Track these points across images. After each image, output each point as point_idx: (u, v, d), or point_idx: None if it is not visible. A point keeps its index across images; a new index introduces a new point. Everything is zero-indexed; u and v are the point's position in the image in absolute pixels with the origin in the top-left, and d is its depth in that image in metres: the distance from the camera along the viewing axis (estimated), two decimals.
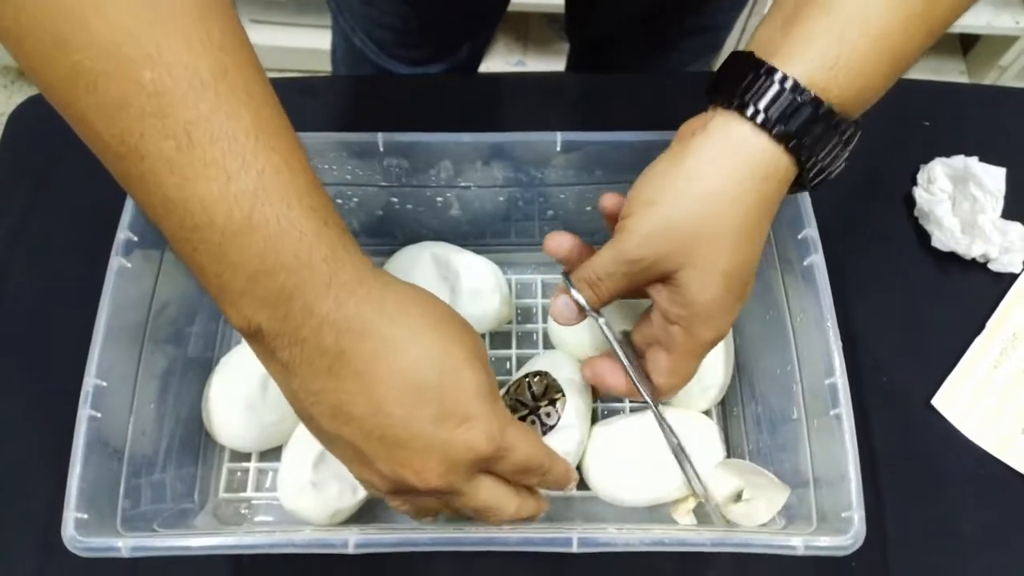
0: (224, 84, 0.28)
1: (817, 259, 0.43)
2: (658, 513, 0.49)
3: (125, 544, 0.38)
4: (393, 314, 0.32)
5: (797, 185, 0.36)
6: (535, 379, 0.48)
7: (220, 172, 0.28)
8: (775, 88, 0.33)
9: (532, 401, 0.48)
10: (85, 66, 0.27)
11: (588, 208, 0.52)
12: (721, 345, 0.50)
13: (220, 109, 0.28)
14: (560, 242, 0.42)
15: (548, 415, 0.47)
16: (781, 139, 0.33)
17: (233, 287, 0.30)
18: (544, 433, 0.47)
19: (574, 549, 0.38)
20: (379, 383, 0.31)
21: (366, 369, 0.31)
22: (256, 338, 0.31)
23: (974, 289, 0.58)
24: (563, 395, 0.48)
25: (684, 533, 0.40)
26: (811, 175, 0.35)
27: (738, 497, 0.46)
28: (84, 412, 0.40)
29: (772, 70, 0.33)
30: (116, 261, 0.43)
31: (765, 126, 0.33)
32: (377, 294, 0.32)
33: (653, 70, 0.78)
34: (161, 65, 0.27)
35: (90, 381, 0.40)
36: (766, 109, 0.33)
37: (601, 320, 0.41)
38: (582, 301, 0.40)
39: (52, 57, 0.27)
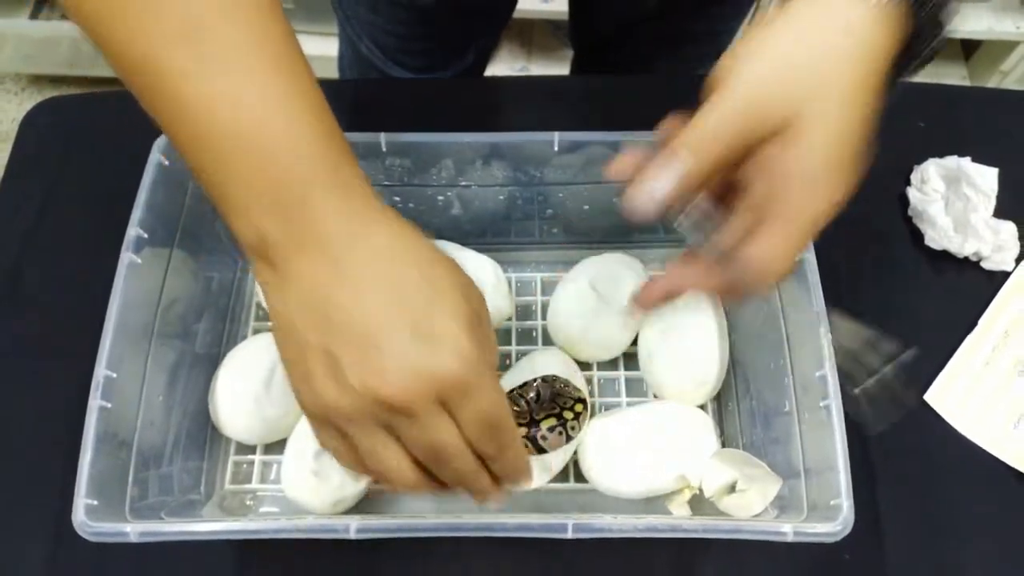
0: (244, 9, 0.31)
1: (808, 256, 0.44)
2: (653, 506, 0.50)
3: (134, 529, 0.39)
4: (390, 231, 0.34)
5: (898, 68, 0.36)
6: (545, 384, 0.48)
7: (234, 87, 0.30)
8: None
9: (551, 409, 0.47)
10: None
11: (585, 207, 0.54)
12: (715, 340, 0.51)
13: (242, 29, 0.31)
14: (628, 158, 0.39)
15: (572, 427, 0.46)
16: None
17: (245, 196, 0.32)
18: (568, 440, 0.46)
19: (569, 535, 0.39)
20: (369, 288, 0.32)
21: (359, 274, 0.32)
22: (260, 250, 0.33)
23: (967, 287, 0.59)
24: (583, 403, 0.47)
25: (677, 520, 0.41)
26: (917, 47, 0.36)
27: (732, 488, 0.47)
28: (95, 402, 0.41)
29: None
30: (127, 257, 0.44)
31: None
32: (378, 215, 0.34)
33: (655, 74, 0.79)
34: None
35: (100, 372, 0.42)
36: None
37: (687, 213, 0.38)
38: (676, 173, 0.36)
39: None
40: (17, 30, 1.51)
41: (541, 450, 0.46)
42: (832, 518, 0.39)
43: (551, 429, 0.45)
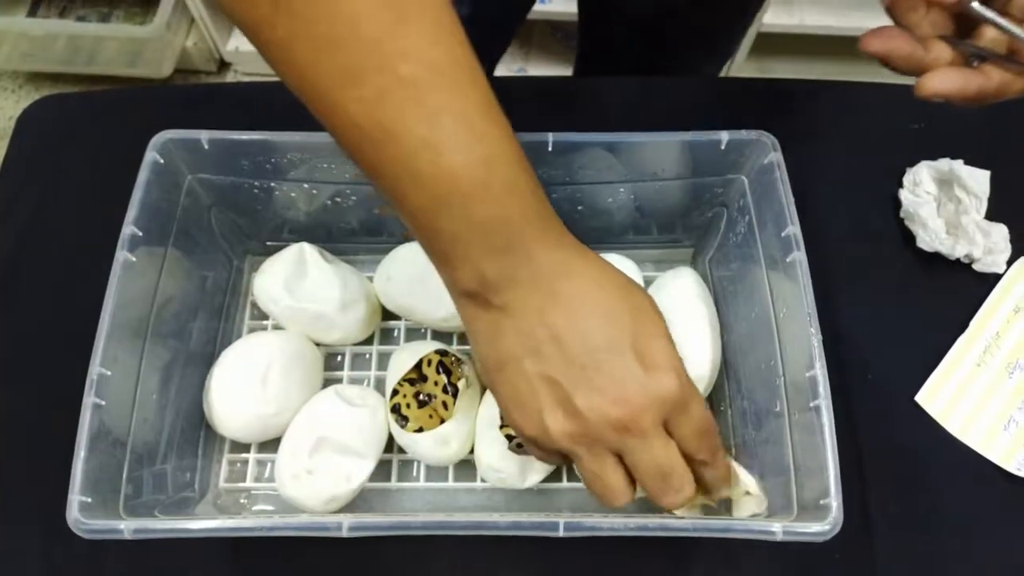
0: (458, 71, 0.33)
1: (799, 256, 0.44)
2: (647, 506, 0.51)
3: (127, 526, 0.39)
4: (593, 261, 0.37)
5: None
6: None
7: (464, 145, 0.32)
8: None
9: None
10: (353, 63, 0.31)
11: (580, 208, 0.54)
12: (708, 341, 0.51)
13: (457, 93, 0.32)
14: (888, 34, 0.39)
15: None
16: None
17: (470, 242, 0.34)
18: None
19: (561, 533, 0.39)
20: (586, 317, 0.35)
21: (574, 305, 0.35)
22: (477, 292, 0.36)
23: (958, 289, 0.59)
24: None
25: (667, 520, 0.41)
26: None
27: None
28: (89, 400, 0.41)
29: None
30: (122, 255, 0.44)
31: None
32: (578, 248, 0.37)
33: (664, 74, 0.80)
34: (412, 59, 0.31)
35: (95, 370, 0.42)
36: None
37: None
38: None
39: (322, 59, 0.31)
40: (14, 27, 1.51)
41: None
42: (822, 517, 0.39)
43: None
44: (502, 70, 1.55)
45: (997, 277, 0.59)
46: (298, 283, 0.53)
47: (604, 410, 0.35)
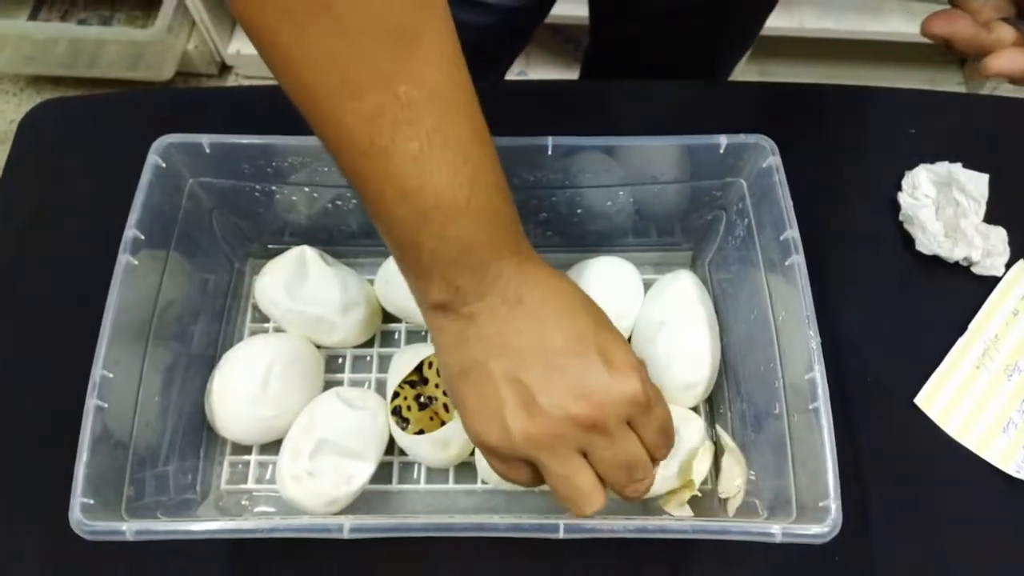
0: (452, 95, 0.34)
1: (798, 259, 0.45)
2: (646, 508, 0.51)
3: (129, 528, 0.39)
4: (557, 276, 0.39)
5: None
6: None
7: (449, 167, 0.33)
8: None
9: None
10: (354, 78, 0.32)
11: (579, 211, 0.54)
12: (707, 344, 0.51)
13: (451, 116, 0.34)
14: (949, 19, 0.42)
15: None
16: None
17: (445, 257, 0.35)
18: None
19: (561, 535, 0.39)
20: (551, 322, 0.37)
21: (540, 312, 0.37)
22: (447, 303, 0.37)
23: (957, 291, 0.59)
24: None
25: (666, 521, 0.41)
26: None
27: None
28: (91, 402, 0.41)
29: None
30: (124, 258, 0.44)
31: None
32: (544, 264, 0.39)
33: (673, 75, 0.80)
34: (411, 80, 0.32)
35: (97, 372, 0.42)
36: None
37: None
38: None
39: (322, 70, 0.32)
40: (16, 31, 1.52)
41: None
42: (821, 519, 0.39)
43: None
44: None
45: (996, 280, 0.60)
46: (299, 286, 0.54)
47: (568, 407, 0.35)
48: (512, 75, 1.55)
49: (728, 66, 0.89)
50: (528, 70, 1.57)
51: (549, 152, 0.48)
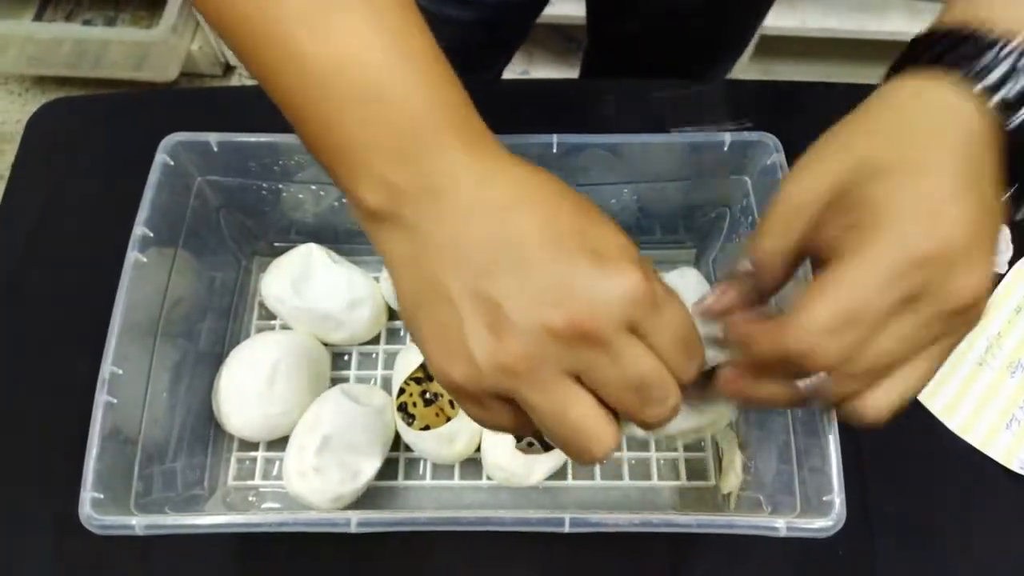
0: None
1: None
2: (650, 503, 0.51)
3: (139, 522, 0.40)
4: (526, 164, 0.30)
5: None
6: None
7: (357, 28, 0.29)
8: (1005, 62, 0.31)
9: None
10: None
11: None
12: None
13: None
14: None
15: None
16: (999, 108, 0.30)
17: (372, 143, 0.29)
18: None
19: (566, 529, 0.39)
20: (516, 214, 0.28)
21: (505, 205, 0.29)
22: (386, 209, 0.30)
23: None
24: None
25: (671, 515, 0.41)
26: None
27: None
28: (101, 398, 0.42)
29: (997, 40, 0.31)
30: (132, 256, 0.45)
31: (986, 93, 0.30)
32: (509, 154, 0.31)
33: (672, 74, 0.80)
34: None
35: (107, 368, 0.42)
36: (995, 84, 0.31)
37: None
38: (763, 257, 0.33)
39: None
40: (21, 31, 1.52)
41: (548, 447, 0.47)
42: (825, 514, 0.39)
43: None
44: (505, 72, 1.56)
45: (999, 277, 0.60)
46: (305, 283, 0.54)
47: (546, 318, 0.27)
48: (515, 74, 1.56)
49: (727, 64, 0.89)
50: (531, 69, 1.57)
51: (554, 150, 0.49)
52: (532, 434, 0.33)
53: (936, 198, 0.29)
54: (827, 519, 0.39)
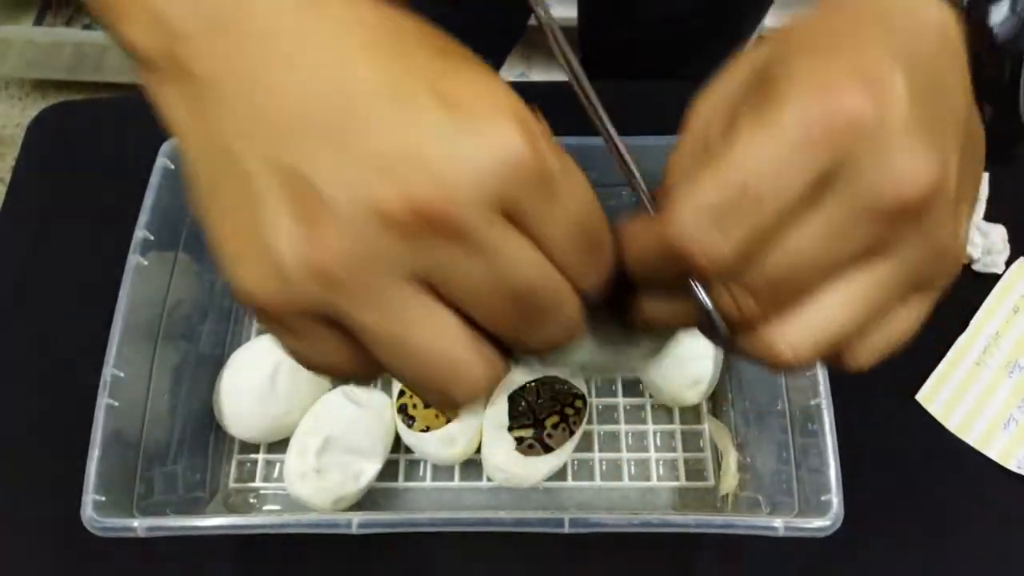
0: None
1: None
2: (648, 504, 0.51)
3: (141, 524, 0.40)
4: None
5: None
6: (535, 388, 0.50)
7: None
8: None
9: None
10: None
11: None
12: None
13: None
14: None
15: (574, 422, 0.49)
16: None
17: None
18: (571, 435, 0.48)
19: (566, 529, 0.40)
20: (342, 55, 0.20)
21: (324, 44, 0.20)
22: (157, 47, 0.21)
23: (958, 289, 0.58)
24: (583, 399, 0.49)
25: (670, 515, 0.42)
26: None
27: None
28: (103, 400, 0.42)
29: None
30: (134, 259, 0.45)
31: None
32: None
33: (670, 77, 0.80)
34: None
35: (108, 371, 0.43)
36: None
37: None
38: None
39: None
40: (21, 36, 1.53)
41: (548, 448, 0.48)
42: (823, 513, 0.40)
43: (555, 426, 0.47)
44: (504, 74, 1.57)
45: (996, 277, 0.60)
46: None
47: (380, 197, 0.18)
48: (514, 76, 1.56)
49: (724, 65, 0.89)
50: (529, 72, 1.58)
51: None
52: (372, 376, 0.22)
53: (865, 64, 0.21)
54: (825, 518, 0.40)
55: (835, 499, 0.40)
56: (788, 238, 0.21)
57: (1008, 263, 0.60)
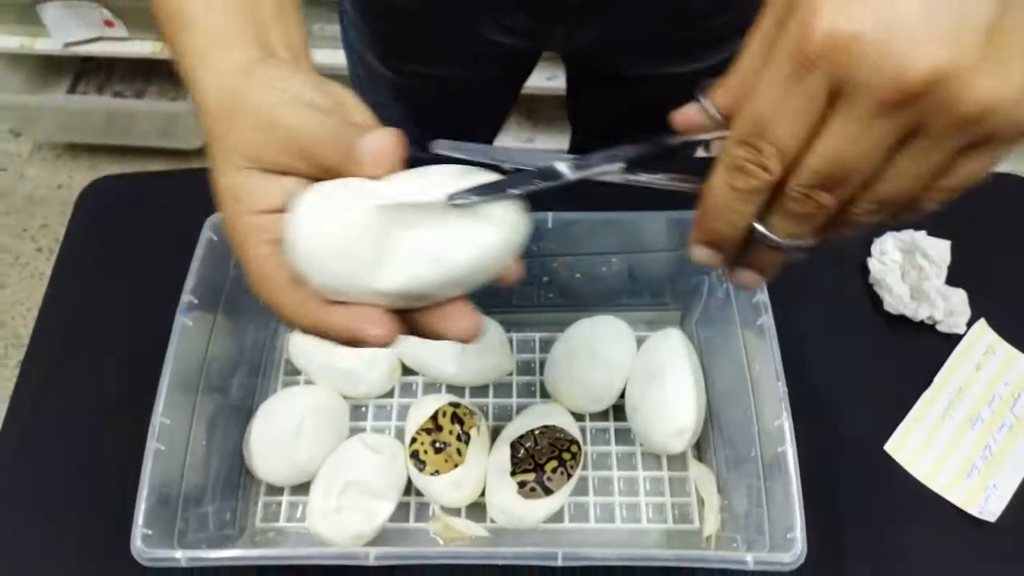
0: None
1: (767, 320, 0.51)
2: (637, 542, 0.56)
3: (183, 555, 0.45)
4: (280, 84, 0.33)
5: None
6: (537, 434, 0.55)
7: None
8: None
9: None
10: None
11: (577, 275, 0.61)
12: (692, 393, 0.57)
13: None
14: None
15: (571, 466, 0.54)
16: None
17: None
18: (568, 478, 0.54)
19: (559, 563, 0.45)
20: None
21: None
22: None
23: (923, 348, 0.65)
24: (577, 444, 0.55)
25: (652, 551, 0.47)
26: None
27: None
28: (152, 444, 0.48)
29: None
30: (180, 320, 0.51)
31: None
32: (282, 73, 0.34)
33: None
34: None
35: (156, 419, 0.48)
36: None
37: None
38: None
39: None
40: (55, 103, 1.62)
41: (549, 491, 0.53)
42: (789, 548, 0.45)
43: (554, 470, 0.52)
44: (510, 140, 1.64)
45: (959, 337, 0.65)
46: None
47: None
48: (520, 143, 1.64)
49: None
50: (536, 137, 1.65)
51: (549, 225, 0.55)
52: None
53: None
54: (790, 554, 0.44)
55: (799, 536, 0.45)
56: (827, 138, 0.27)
57: (969, 324, 0.65)
